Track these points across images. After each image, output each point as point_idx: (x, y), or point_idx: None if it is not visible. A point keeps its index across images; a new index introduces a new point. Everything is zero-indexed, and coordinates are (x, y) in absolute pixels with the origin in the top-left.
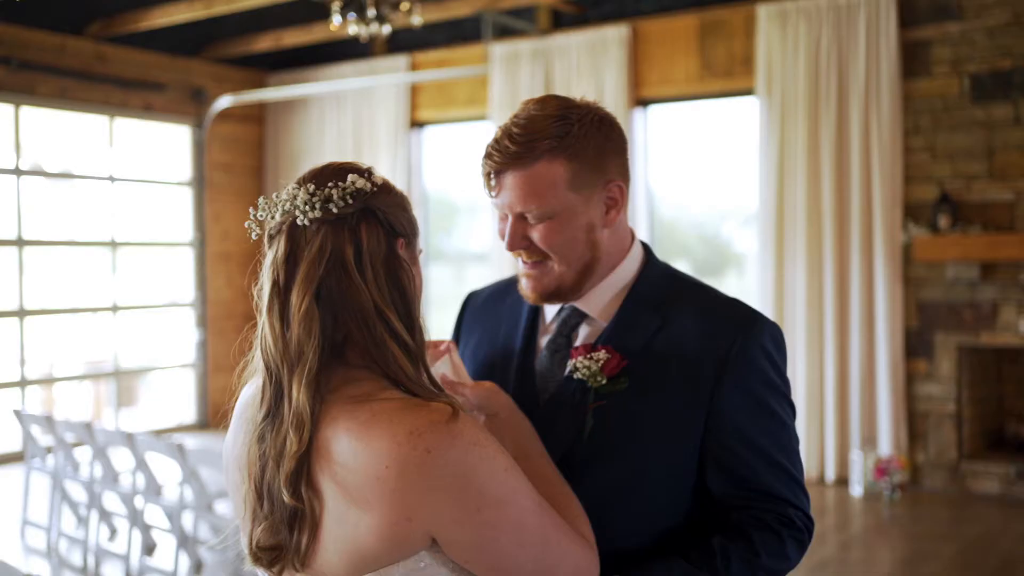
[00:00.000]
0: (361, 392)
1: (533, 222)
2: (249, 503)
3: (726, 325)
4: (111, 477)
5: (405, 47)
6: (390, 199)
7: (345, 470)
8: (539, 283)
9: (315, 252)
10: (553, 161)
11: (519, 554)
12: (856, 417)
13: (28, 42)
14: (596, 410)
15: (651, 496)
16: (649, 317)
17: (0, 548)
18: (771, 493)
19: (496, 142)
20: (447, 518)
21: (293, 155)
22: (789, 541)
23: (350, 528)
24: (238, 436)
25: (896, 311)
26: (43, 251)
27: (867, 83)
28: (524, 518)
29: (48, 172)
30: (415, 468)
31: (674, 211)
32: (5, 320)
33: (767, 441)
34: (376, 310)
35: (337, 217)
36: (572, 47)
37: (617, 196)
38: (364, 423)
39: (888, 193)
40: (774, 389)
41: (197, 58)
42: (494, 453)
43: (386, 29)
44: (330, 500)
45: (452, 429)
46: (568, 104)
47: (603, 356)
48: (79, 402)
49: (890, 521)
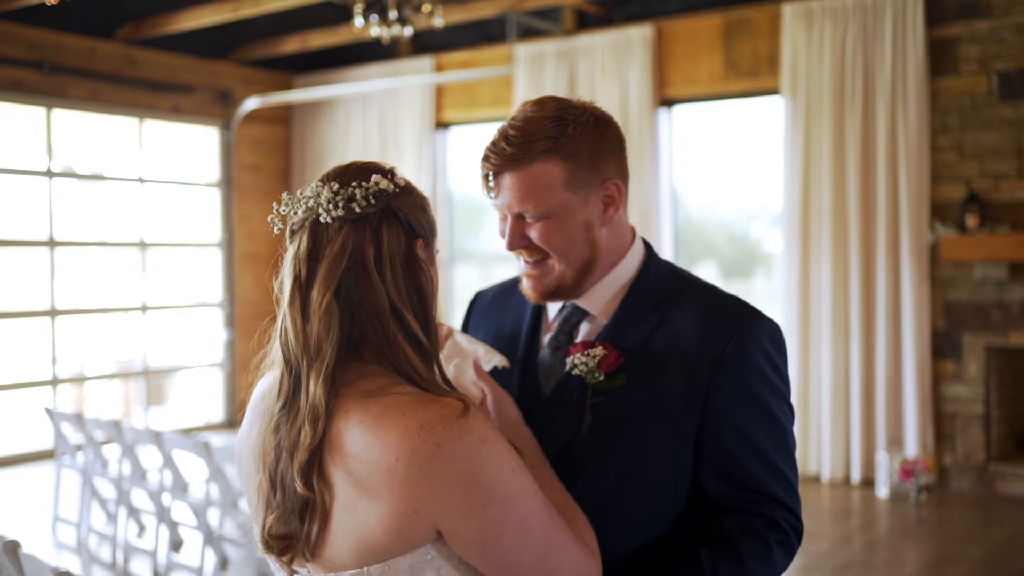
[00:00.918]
0: (374, 387)
1: (531, 222)
2: (263, 492)
3: (724, 322)
4: (139, 474)
5: (430, 48)
6: (411, 200)
7: (356, 461)
8: (540, 282)
9: (337, 250)
10: (549, 162)
11: (522, 554)
12: (882, 418)
13: (60, 46)
14: (594, 406)
15: (648, 494)
16: (648, 315)
17: (32, 543)
18: (763, 492)
19: (493, 144)
20: (453, 512)
21: (319, 156)
22: (776, 547)
23: (359, 518)
24: (254, 427)
25: (923, 312)
26: (74, 252)
27: (893, 82)
28: (529, 518)
29: (79, 174)
30: (424, 461)
31: (702, 212)
32: (37, 320)
33: (762, 439)
34: (392, 309)
35: (359, 216)
36: (596, 47)
37: (614, 194)
38: (376, 416)
39: (915, 192)
40: (771, 387)
41: (225, 60)
42: (502, 451)
43: (408, 31)
44: (341, 491)
45: (463, 424)
46: (564, 105)
47: (600, 352)
48: (109, 401)
49: (916, 523)
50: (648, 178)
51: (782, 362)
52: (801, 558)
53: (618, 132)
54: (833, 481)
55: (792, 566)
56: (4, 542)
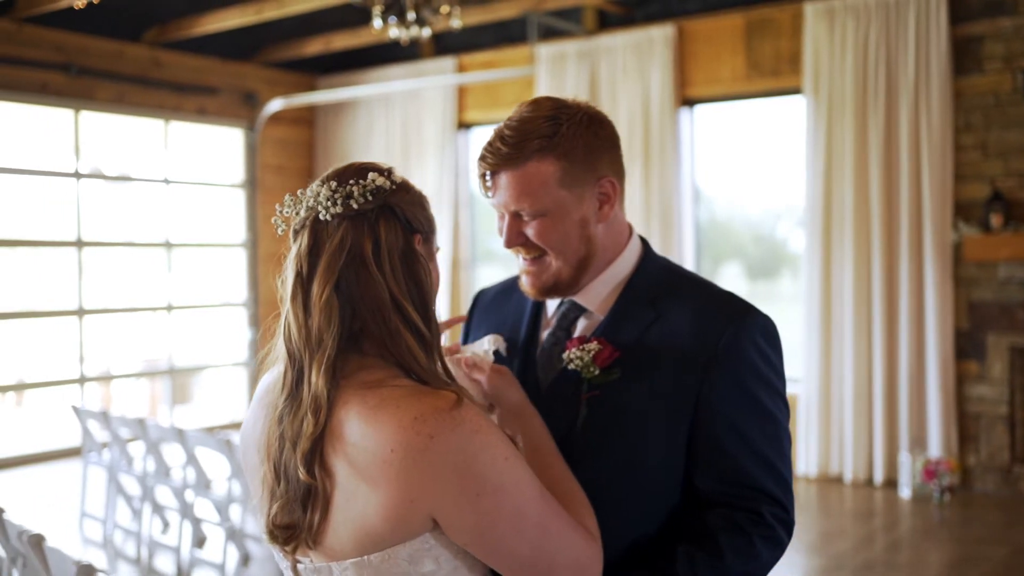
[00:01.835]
0: (373, 379)
1: (527, 219)
2: (267, 483)
3: (718, 318)
4: (163, 472)
5: (452, 49)
6: (408, 197)
7: (355, 451)
8: (538, 279)
9: (336, 245)
10: (543, 160)
11: (517, 541)
12: (905, 419)
13: (87, 49)
14: (590, 400)
15: (643, 487)
16: (644, 311)
17: (60, 538)
18: (752, 486)
19: (489, 144)
20: (448, 502)
21: (342, 157)
22: (760, 541)
23: (359, 507)
24: (258, 420)
25: (946, 312)
26: (101, 252)
27: (916, 80)
28: (523, 507)
29: (106, 175)
30: (418, 452)
31: (728, 212)
32: (65, 319)
33: (754, 434)
34: (393, 301)
35: (357, 213)
36: (618, 47)
37: (609, 192)
38: (373, 408)
39: (938, 192)
40: (764, 382)
41: (249, 62)
42: (496, 442)
43: (426, 32)
44: (341, 480)
45: (455, 416)
46: (559, 105)
47: (594, 347)
48: (136, 399)
49: (939, 524)
50: (670, 178)
51: (776, 357)
52: (821, 558)
53: (612, 131)
54: (856, 482)
55: (813, 566)
56: (29, 535)
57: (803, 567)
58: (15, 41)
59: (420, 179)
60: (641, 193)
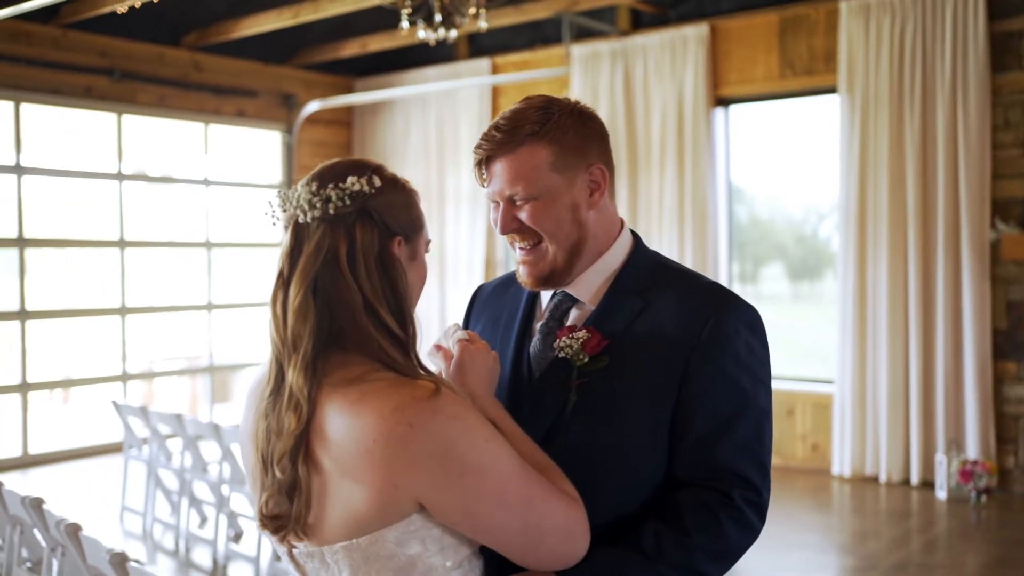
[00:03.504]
0: (354, 374)
1: (520, 203)
2: (257, 474)
3: (702, 307)
4: (200, 467)
5: (487, 50)
6: (389, 199)
7: (340, 444)
8: (535, 267)
9: (312, 248)
10: (535, 145)
11: (503, 515)
12: (941, 419)
13: (129, 53)
14: (579, 387)
15: (629, 471)
16: (633, 301)
17: (101, 531)
18: (726, 469)
19: (485, 134)
20: (431, 486)
21: (379, 157)
22: (728, 521)
23: (345, 497)
24: (250, 412)
25: (984, 311)
26: (144, 252)
27: (953, 78)
28: (505, 482)
29: (148, 177)
30: (399, 441)
31: (769, 211)
32: (109, 317)
33: (732, 418)
34: (366, 305)
35: (335, 216)
36: (652, 47)
37: (599, 179)
38: (354, 402)
39: (975, 190)
40: (746, 369)
41: (287, 65)
42: (475, 425)
43: (452, 34)
44: (327, 472)
45: (434, 405)
46: (551, 99)
47: (584, 335)
48: (177, 396)
49: (975, 526)
50: (704, 179)
51: (760, 347)
52: (852, 559)
53: (602, 126)
54: (891, 483)
55: (844, 566)
56: (66, 524)
57: (834, 567)
58: (60, 47)
59: (455, 180)
60: (675, 193)
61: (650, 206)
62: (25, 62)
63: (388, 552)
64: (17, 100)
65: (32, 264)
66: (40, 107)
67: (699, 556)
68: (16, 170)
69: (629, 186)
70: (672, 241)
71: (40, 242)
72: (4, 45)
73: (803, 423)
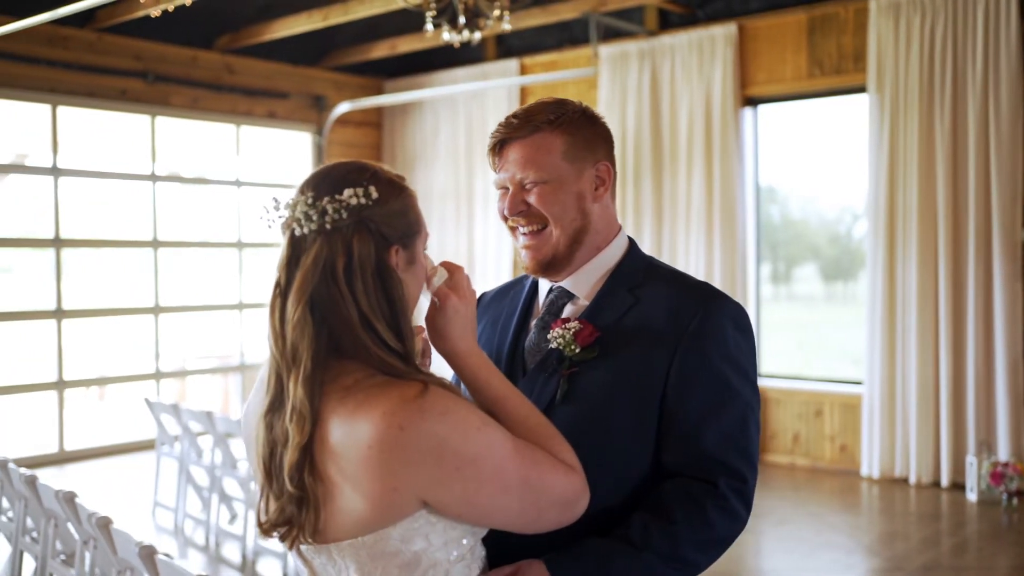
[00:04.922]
0: (351, 381)
1: (530, 187)
2: (258, 479)
3: (689, 302)
4: (230, 463)
5: (515, 51)
6: (386, 209)
7: (341, 454)
8: (538, 252)
9: (310, 262)
10: (550, 133)
11: (504, 498)
12: (972, 421)
13: (163, 56)
14: (570, 376)
15: (618, 461)
16: (624, 297)
17: (133, 526)
18: (711, 458)
19: (501, 122)
20: (430, 482)
21: (409, 158)
22: (714, 510)
23: (349, 502)
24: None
25: (1016, 311)
26: (177, 252)
27: (985, 76)
28: (502, 465)
29: (181, 178)
30: (393, 444)
31: (802, 211)
32: (142, 316)
33: (717, 409)
34: (362, 320)
35: (332, 229)
36: (680, 47)
37: (605, 176)
38: (351, 411)
39: (1007, 190)
40: (732, 362)
41: (317, 67)
42: (465, 416)
43: (477, 36)
44: (332, 480)
45: (422, 404)
46: (562, 100)
47: (575, 326)
48: (209, 394)
49: (1006, 528)
50: (732, 179)
51: (745, 342)
52: (879, 560)
53: (608, 130)
54: (920, 484)
55: (870, 567)
56: (98, 517)
57: (861, 568)
58: (95, 50)
59: (484, 181)
60: (703, 194)
61: (677, 207)
62: (62, 66)
63: (393, 549)
64: (54, 103)
65: (68, 264)
66: (76, 110)
67: (685, 545)
68: (53, 172)
69: (656, 186)
70: (700, 242)
71: (76, 242)
72: (42, 49)
73: (831, 424)
